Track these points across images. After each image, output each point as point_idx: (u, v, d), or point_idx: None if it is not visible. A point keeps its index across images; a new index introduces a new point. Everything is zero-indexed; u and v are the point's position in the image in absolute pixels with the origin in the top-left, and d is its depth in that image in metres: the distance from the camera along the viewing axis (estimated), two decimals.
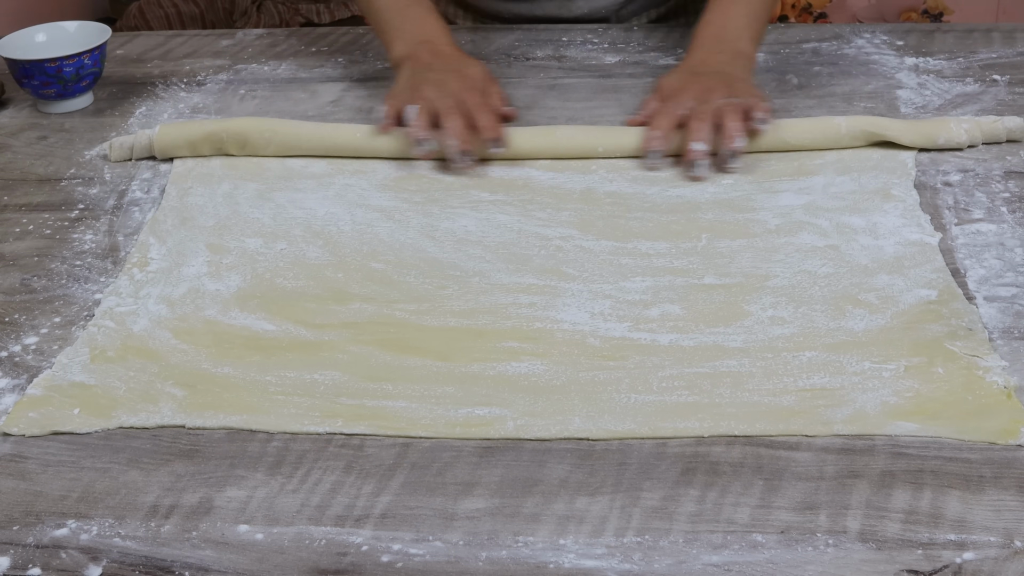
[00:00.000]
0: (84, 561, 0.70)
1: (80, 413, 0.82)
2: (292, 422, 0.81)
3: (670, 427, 0.78)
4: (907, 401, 0.79)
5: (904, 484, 0.72)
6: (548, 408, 0.80)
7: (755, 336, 0.86)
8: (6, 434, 0.81)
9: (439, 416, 0.80)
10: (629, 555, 0.68)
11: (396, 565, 0.69)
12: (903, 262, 0.94)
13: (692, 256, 0.96)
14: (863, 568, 0.67)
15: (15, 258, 1.02)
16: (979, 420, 0.77)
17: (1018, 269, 0.93)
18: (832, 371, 0.82)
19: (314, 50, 1.42)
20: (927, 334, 0.85)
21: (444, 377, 0.84)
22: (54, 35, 1.30)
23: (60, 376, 0.86)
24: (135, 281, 0.97)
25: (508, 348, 0.86)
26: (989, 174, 1.07)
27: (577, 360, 0.85)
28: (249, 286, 0.96)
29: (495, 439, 0.78)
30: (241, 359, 0.87)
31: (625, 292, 0.92)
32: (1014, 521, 0.69)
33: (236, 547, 0.71)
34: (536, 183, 1.09)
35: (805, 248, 0.96)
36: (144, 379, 0.85)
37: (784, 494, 0.72)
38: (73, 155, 1.19)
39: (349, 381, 0.84)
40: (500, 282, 0.94)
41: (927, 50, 1.32)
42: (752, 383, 0.82)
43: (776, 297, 0.91)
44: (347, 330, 0.90)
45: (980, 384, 0.80)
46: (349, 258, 0.99)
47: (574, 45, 1.38)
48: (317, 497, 0.74)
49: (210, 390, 0.84)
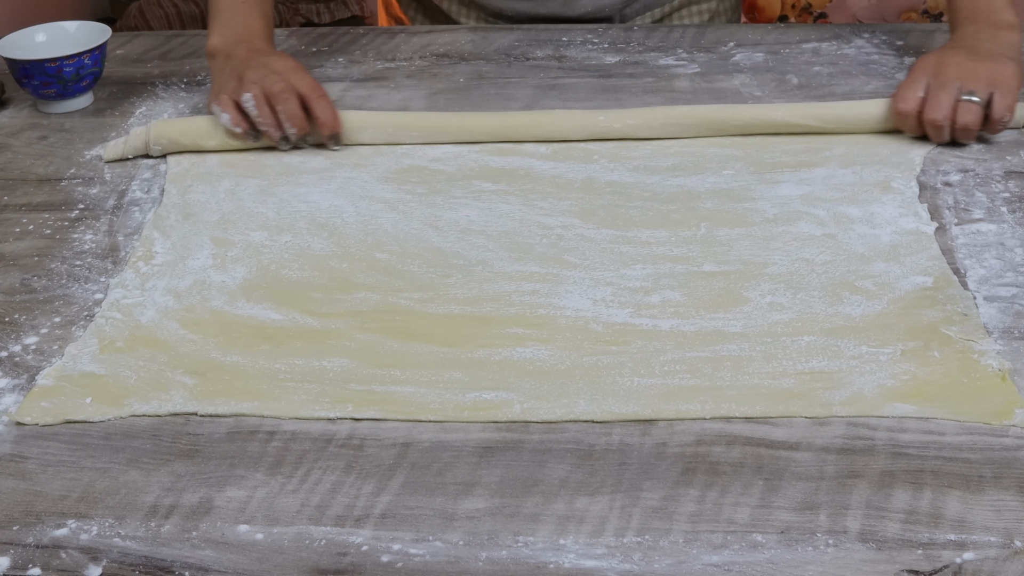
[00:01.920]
0: (84, 561, 0.70)
1: (92, 402, 0.83)
2: (302, 408, 0.81)
3: (672, 409, 0.79)
4: (904, 384, 0.80)
5: (904, 484, 0.72)
6: (553, 392, 0.82)
7: (754, 321, 0.88)
8: (20, 423, 0.81)
9: (447, 400, 0.81)
10: (629, 555, 0.68)
11: (396, 565, 0.69)
12: (899, 250, 0.95)
13: (691, 244, 0.98)
14: (863, 568, 0.67)
15: (15, 258, 1.02)
16: (974, 402, 0.78)
17: (1018, 269, 0.93)
18: (830, 355, 0.83)
19: (314, 50, 1.42)
20: (923, 319, 0.87)
21: (450, 363, 0.85)
22: (54, 35, 1.30)
23: (70, 367, 0.87)
24: (141, 274, 0.98)
25: (513, 334, 0.88)
26: (989, 174, 1.07)
27: (580, 345, 0.86)
28: (255, 277, 0.97)
29: (502, 421, 0.80)
30: (249, 348, 0.88)
31: (626, 279, 0.94)
32: (1014, 521, 0.69)
33: (236, 547, 0.71)
34: (537, 172, 1.10)
35: (803, 237, 0.98)
36: (154, 368, 0.86)
37: (784, 494, 0.72)
38: (73, 155, 1.19)
39: (357, 368, 0.85)
40: (503, 270, 0.96)
41: (927, 50, 1.32)
42: (752, 367, 0.83)
43: (774, 284, 0.92)
44: (353, 318, 0.91)
45: (975, 367, 0.81)
46: (354, 249, 1.00)
47: (574, 45, 1.38)
48: (317, 497, 0.74)
49: (220, 378, 0.85)
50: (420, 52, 1.39)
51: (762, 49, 1.34)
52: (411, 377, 0.84)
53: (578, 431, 0.78)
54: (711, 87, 1.26)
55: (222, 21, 1.24)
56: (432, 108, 1.24)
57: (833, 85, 1.25)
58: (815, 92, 1.24)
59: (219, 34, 1.23)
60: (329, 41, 1.44)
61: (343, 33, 1.47)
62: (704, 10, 1.46)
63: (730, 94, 1.24)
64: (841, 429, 0.77)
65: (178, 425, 0.81)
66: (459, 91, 1.28)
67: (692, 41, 1.38)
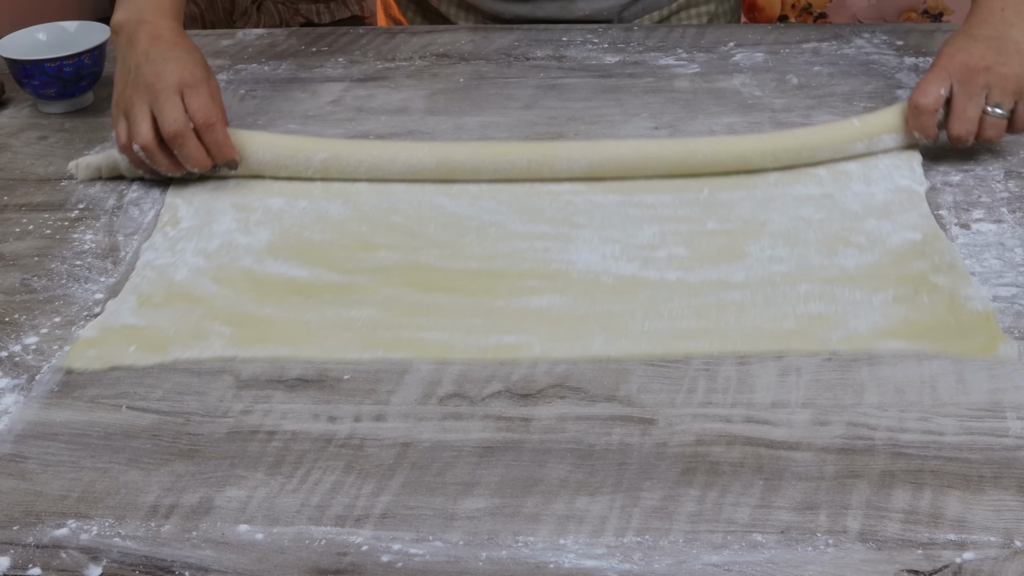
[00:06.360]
0: (84, 561, 0.70)
1: (136, 350, 0.88)
2: (336, 351, 0.87)
3: (682, 348, 0.85)
4: (896, 324, 0.86)
5: (904, 484, 0.72)
6: (570, 335, 0.87)
7: (755, 272, 0.94)
8: (70, 370, 0.86)
9: (471, 344, 0.87)
10: (629, 555, 0.68)
11: (396, 565, 0.69)
12: (891, 208, 1.01)
13: (694, 206, 1.04)
14: (863, 568, 0.67)
15: (15, 258, 1.02)
16: (961, 339, 0.84)
17: (1018, 269, 0.93)
18: (826, 300, 0.90)
19: (314, 50, 1.42)
20: (912, 269, 0.93)
21: (472, 311, 0.91)
22: (54, 35, 1.30)
23: (111, 320, 0.92)
24: (169, 237, 1.03)
25: (528, 286, 0.94)
26: (989, 174, 1.07)
27: (593, 295, 0.92)
28: (278, 239, 1.02)
29: (523, 360, 0.85)
30: (281, 301, 0.93)
31: (633, 237, 0.99)
32: (1014, 521, 0.69)
33: (236, 547, 0.71)
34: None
35: (801, 197, 1.04)
36: (192, 320, 0.91)
37: (784, 494, 0.72)
38: (73, 155, 1.19)
39: (385, 317, 0.91)
40: (515, 231, 1.01)
41: (927, 50, 1.32)
42: (754, 311, 0.89)
43: (773, 239, 0.98)
44: (376, 274, 0.96)
45: (962, 309, 0.87)
46: (370, 213, 1.05)
47: (574, 45, 1.38)
48: (317, 497, 0.74)
49: (256, 328, 0.90)
50: (420, 52, 1.39)
51: (762, 49, 1.35)
52: (436, 324, 0.89)
53: (578, 431, 0.78)
54: (711, 87, 1.26)
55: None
56: (432, 108, 1.24)
57: (833, 85, 1.25)
58: (815, 92, 1.24)
59: (124, 8, 1.14)
60: (329, 41, 1.45)
61: (343, 33, 1.47)
62: (703, 12, 1.46)
63: (730, 94, 1.24)
64: (841, 429, 0.77)
65: (178, 425, 0.81)
66: (459, 91, 1.28)
67: (692, 41, 1.38)
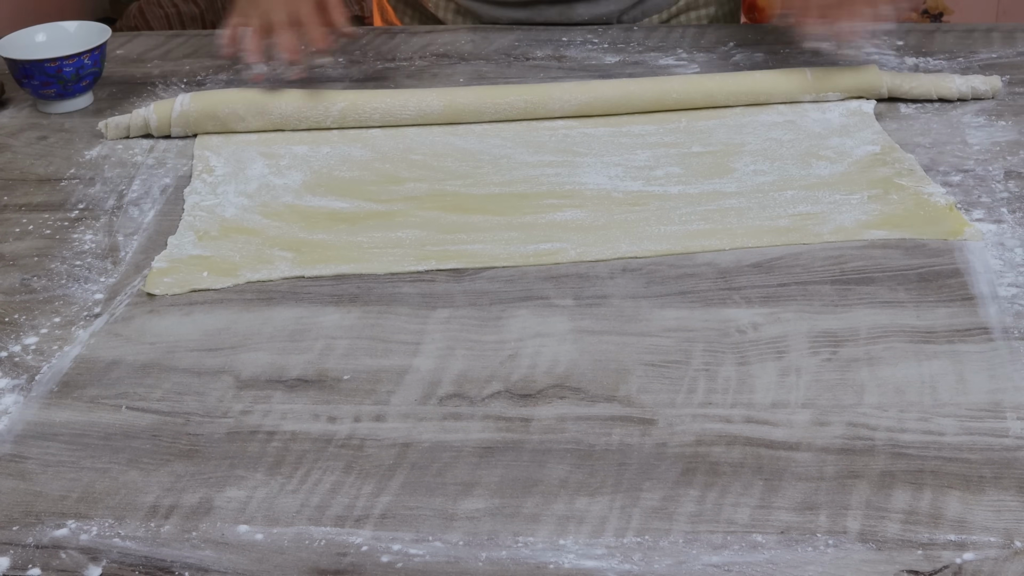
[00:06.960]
0: (84, 561, 0.70)
1: (209, 275, 0.96)
2: (393, 265, 0.97)
3: (698, 244, 0.98)
4: (875, 218, 1.01)
5: (904, 484, 0.72)
6: (598, 240, 0.99)
7: (744, 183, 1.07)
8: (150, 295, 0.94)
9: (514, 252, 0.98)
10: (629, 555, 0.68)
11: (396, 565, 0.69)
12: (848, 128, 1.16)
13: (677, 134, 1.17)
14: (863, 568, 0.67)
15: (15, 258, 1.02)
16: (932, 226, 0.99)
17: (1018, 269, 0.93)
18: (812, 202, 1.03)
19: (314, 50, 1.41)
20: (879, 175, 1.07)
21: (506, 227, 1.02)
22: (54, 35, 1.30)
23: (176, 252, 0.99)
24: (208, 183, 1.10)
25: (550, 204, 1.05)
26: (989, 174, 1.07)
27: (609, 208, 1.04)
28: (311, 179, 1.11)
29: (563, 263, 0.93)
30: (330, 228, 1.02)
31: (631, 161, 1.12)
32: (1014, 521, 0.69)
33: (236, 547, 0.71)
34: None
35: (768, 123, 1.18)
36: (252, 248, 1.00)
37: (784, 494, 0.72)
38: (73, 155, 1.19)
39: (429, 235, 1.01)
40: (525, 160, 1.13)
41: (927, 50, 1.32)
42: (751, 213, 1.02)
43: (754, 157, 1.12)
44: (411, 202, 1.06)
45: (928, 204, 1.02)
46: (390, 153, 1.15)
47: (574, 45, 1.38)
48: (317, 497, 0.74)
49: (314, 250, 0.99)
50: (420, 52, 1.39)
51: (762, 49, 1.34)
52: (476, 239, 1.00)
53: (578, 431, 0.78)
54: None
55: None
56: None
57: None
58: None
59: None
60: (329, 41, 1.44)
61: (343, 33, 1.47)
62: (703, 16, 1.46)
63: None
64: (841, 429, 0.77)
65: (178, 425, 0.81)
66: None
67: (692, 41, 1.38)
